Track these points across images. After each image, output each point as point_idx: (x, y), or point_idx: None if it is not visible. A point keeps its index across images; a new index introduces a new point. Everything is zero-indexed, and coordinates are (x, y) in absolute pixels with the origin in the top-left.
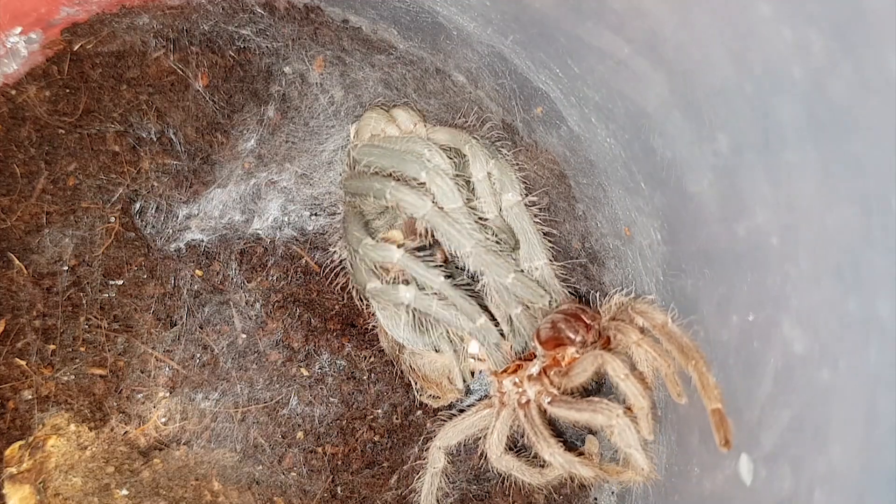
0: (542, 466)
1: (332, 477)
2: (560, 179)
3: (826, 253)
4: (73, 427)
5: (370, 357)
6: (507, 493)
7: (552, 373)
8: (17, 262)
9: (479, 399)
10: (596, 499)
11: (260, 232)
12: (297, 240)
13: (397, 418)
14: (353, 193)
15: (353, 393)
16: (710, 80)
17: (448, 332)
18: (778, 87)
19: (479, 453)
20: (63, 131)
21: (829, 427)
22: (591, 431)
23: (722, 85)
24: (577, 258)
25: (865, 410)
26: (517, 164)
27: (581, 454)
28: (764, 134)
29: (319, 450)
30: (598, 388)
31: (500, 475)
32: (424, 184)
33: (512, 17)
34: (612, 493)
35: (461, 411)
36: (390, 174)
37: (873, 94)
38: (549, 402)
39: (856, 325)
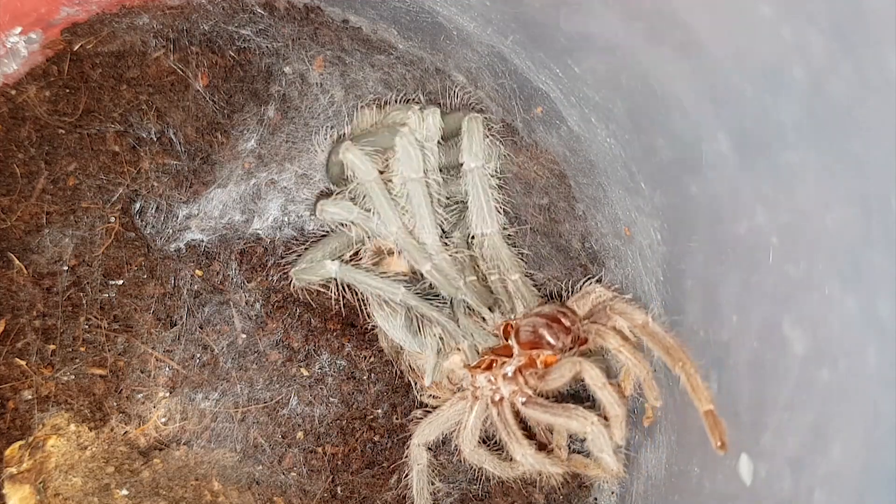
0: (513, 461)
1: (332, 477)
2: (560, 179)
3: (826, 253)
4: (73, 427)
5: (370, 357)
6: (506, 493)
7: (528, 373)
8: (17, 262)
9: None
10: (596, 499)
11: (260, 232)
12: (297, 240)
13: (397, 418)
14: (333, 176)
15: (353, 393)
16: (710, 80)
17: (441, 333)
18: (778, 87)
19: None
20: (63, 131)
21: (829, 427)
22: None
23: (722, 85)
24: (577, 258)
25: (865, 410)
26: (516, 163)
27: (549, 449)
28: (764, 134)
29: (319, 450)
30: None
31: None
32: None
33: (512, 17)
34: (613, 493)
35: None
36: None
37: (873, 94)
38: (523, 403)
39: (856, 325)
